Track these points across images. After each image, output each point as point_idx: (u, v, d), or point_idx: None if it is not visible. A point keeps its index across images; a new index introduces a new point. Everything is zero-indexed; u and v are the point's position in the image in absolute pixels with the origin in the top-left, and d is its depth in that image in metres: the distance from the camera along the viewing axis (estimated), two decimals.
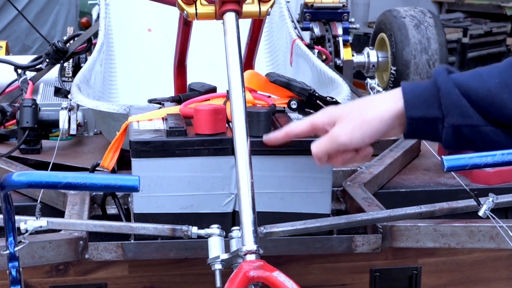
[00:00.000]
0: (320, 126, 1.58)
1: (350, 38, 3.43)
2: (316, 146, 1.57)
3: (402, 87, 1.48)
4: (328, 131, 1.58)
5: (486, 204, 1.76)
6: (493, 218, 1.75)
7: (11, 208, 1.37)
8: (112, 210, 2.21)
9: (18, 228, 1.53)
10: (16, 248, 1.42)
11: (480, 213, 1.77)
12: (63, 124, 2.54)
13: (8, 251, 1.42)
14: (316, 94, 2.10)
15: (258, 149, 1.90)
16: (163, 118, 2.07)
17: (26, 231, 1.55)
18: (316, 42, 3.37)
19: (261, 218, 1.68)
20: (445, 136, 1.44)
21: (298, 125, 1.65)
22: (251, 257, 1.55)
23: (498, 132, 1.43)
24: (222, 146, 1.93)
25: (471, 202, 1.97)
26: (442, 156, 1.38)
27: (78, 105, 2.54)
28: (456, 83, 1.43)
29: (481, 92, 1.41)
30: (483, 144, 1.44)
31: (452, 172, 2.38)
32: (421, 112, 1.44)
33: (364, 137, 1.51)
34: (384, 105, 1.48)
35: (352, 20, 3.44)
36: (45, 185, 1.27)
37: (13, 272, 1.43)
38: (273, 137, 1.71)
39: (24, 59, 3.19)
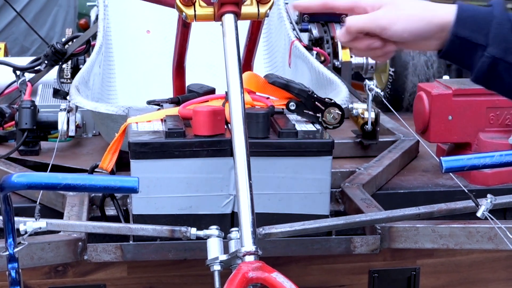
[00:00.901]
0: (363, 5, 1.46)
1: None
2: (353, 19, 1.45)
3: (458, 3, 1.43)
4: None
5: (485, 205, 1.77)
6: (492, 219, 1.75)
7: (11, 210, 1.37)
8: (111, 211, 2.21)
9: (18, 230, 1.54)
10: (16, 249, 1.42)
11: (479, 214, 1.77)
12: (62, 125, 2.54)
13: (7, 252, 1.42)
14: (315, 96, 2.10)
15: (256, 150, 1.91)
16: (162, 120, 2.07)
17: (26, 232, 1.55)
18: (314, 43, 3.37)
19: (260, 219, 1.69)
20: (480, 65, 1.40)
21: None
22: (250, 258, 1.55)
23: None
24: (221, 147, 1.94)
25: (470, 203, 1.98)
26: (441, 158, 1.38)
27: (77, 107, 2.54)
28: (511, 19, 1.42)
29: None
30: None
31: (450, 173, 2.38)
32: (468, 33, 1.40)
33: (405, 30, 1.42)
34: (437, 10, 1.42)
35: None
36: (45, 186, 1.27)
37: (13, 273, 1.43)
38: (306, 2, 1.56)
39: (23, 61, 3.19)
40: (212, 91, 2.21)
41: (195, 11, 1.88)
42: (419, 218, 2.05)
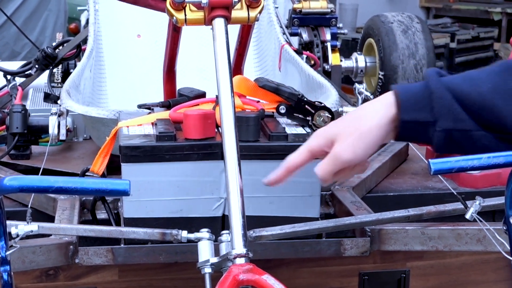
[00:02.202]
0: (318, 150, 1.56)
1: (338, 43, 3.45)
2: (321, 170, 1.54)
3: (395, 90, 1.47)
4: (328, 153, 1.54)
5: (473, 207, 1.78)
6: (480, 221, 1.77)
7: (2, 213, 1.38)
8: (102, 215, 2.21)
9: (9, 233, 1.54)
10: (8, 252, 1.43)
11: (467, 216, 1.78)
12: (52, 129, 2.54)
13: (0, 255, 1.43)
14: (305, 99, 2.11)
15: (247, 153, 1.92)
16: (152, 123, 2.08)
17: (17, 235, 1.56)
18: (304, 47, 3.39)
19: (250, 222, 1.70)
20: (436, 140, 1.44)
21: (295, 156, 1.61)
22: (240, 261, 1.56)
23: (489, 137, 1.43)
24: (211, 151, 1.95)
25: (459, 205, 1.99)
26: (429, 160, 1.39)
27: (67, 111, 2.55)
28: (448, 87, 1.42)
29: (473, 96, 1.40)
30: (474, 148, 1.44)
31: (439, 176, 2.40)
32: (413, 115, 1.44)
33: (367, 149, 1.48)
34: (378, 112, 1.47)
35: (340, 25, 3.46)
36: (37, 189, 1.28)
37: (5, 276, 1.43)
38: (274, 177, 1.64)
39: (13, 65, 3.20)
40: (202, 94, 2.22)
41: (185, 15, 1.89)
42: (408, 221, 2.06)
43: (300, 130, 2.08)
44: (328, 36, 3.39)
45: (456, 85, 1.43)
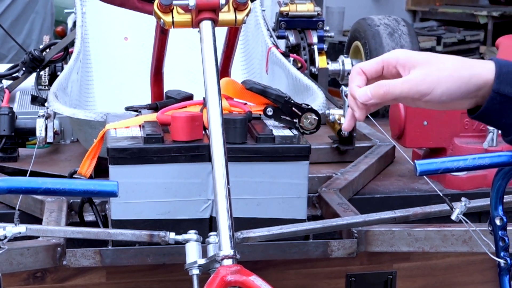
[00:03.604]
0: (393, 63, 1.34)
1: (325, 46, 3.47)
2: (390, 86, 1.32)
3: (495, 60, 1.34)
4: (399, 73, 1.35)
5: (459, 208, 1.79)
6: (466, 222, 1.78)
7: None
8: (89, 217, 2.22)
9: None
10: None
11: (453, 217, 1.79)
12: (40, 132, 2.54)
13: None
14: (292, 101, 2.12)
15: (234, 155, 1.93)
16: (140, 126, 2.09)
17: (5, 237, 1.56)
18: (291, 50, 3.40)
19: (238, 224, 1.71)
20: None
21: (368, 63, 1.37)
22: (228, 262, 1.57)
23: None
24: (199, 153, 1.95)
25: (445, 206, 2.00)
26: (415, 161, 1.40)
27: (55, 113, 2.55)
28: None
29: None
30: None
31: (426, 178, 2.41)
32: (508, 89, 1.31)
33: (444, 93, 1.31)
34: (475, 68, 1.33)
35: (327, 28, 3.48)
36: (25, 190, 1.28)
37: None
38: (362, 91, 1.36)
39: (0, 68, 3.20)
40: (190, 97, 2.23)
41: (173, 18, 1.90)
42: (395, 222, 2.08)
43: (287, 132, 2.09)
44: (315, 39, 3.40)
45: None
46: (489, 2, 9.63)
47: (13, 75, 3.04)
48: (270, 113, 2.11)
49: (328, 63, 3.43)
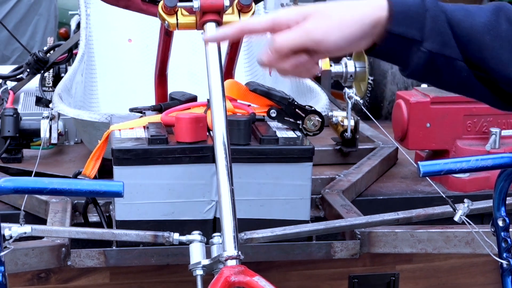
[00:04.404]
0: (284, 23, 1.32)
1: None
2: (283, 38, 1.30)
3: None
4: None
5: (462, 210, 1.80)
6: (469, 223, 1.79)
7: None
8: (93, 218, 2.22)
9: (3, 235, 1.55)
10: (2, 253, 1.44)
11: (456, 218, 1.80)
12: (44, 133, 2.55)
13: None
14: (295, 103, 2.13)
15: (238, 156, 1.93)
16: (144, 127, 2.09)
17: (11, 237, 1.57)
18: None
19: (241, 225, 1.71)
20: (416, 61, 1.31)
21: (257, 20, 1.35)
22: (232, 263, 1.57)
23: (468, 72, 1.36)
24: (203, 154, 1.96)
25: (447, 208, 2.01)
26: (418, 162, 1.41)
27: (59, 114, 2.56)
28: (444, 10, 1.32)
29: (465, 26, 1.31)
30: (451, 79, 1.33)
31: (429, 179, 2.42)
32: (402, 28, 1.30)
33: (341, 38, 1.29)
34: (366, 9, 1.30)
35: None
36: (31, 190, 1.29)
37: None
38: (222, 31, 1.40)
39: (5, 69, 3.21)
40: (194, 98, 2.24)
41: (177, 19, 1.91)
42: (398, 223, 2.08)
43: (290, 134, 2.10)
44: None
45: (452, 11, 1.27)
46: None
47: (18, 76, 3.05)
48: (273, 115, 2.12)
49: (331, 65, 3.44)
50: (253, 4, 1.94)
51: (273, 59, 1.32)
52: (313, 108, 2.14)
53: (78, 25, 3.30)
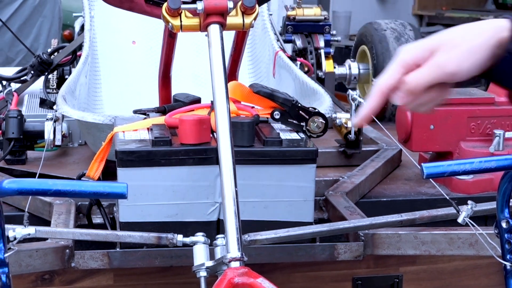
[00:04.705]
0: (413, 64, 1.30)
1: (331, 50, 3.48)
2: (415, 77, 1.28)
3: (509, 17, 1.31)
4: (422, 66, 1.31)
5: (465, 211, 1.80)
6: (472, 225, 1.79)
7: (1, 215, 1.39)
8: (97, 219, 2.23)
9: (7, 236, 1.55)
10: (6, 254, 1.44)
11: (459, 220, 1.80)
12: (48, 135, 2.56)
13: None
14: (299, 105, 2.13)
15: (242, 158, 1.94)
16: (148, 129, 2.10)
17: (15, 238, 1.57)
18: (298, 54, 3.41)
19: (245, 226, 1.72)
20: None
21: (387, 75, 1.32)
22: (235, 264, 1.58)
23: None
24: (206, 156, 1.97)
25: (451, 210, 2.01)
26: (422, 164, 1.41)
27: (63, 116, 2.56)
28: None
29: None
30: None
31: (432, 181, 2.42)
32: None
33: (473, 66, 1.28)
34: (489, 32, 1.30)
35: (334, 32, 3.49)
36: (35, 192, 1.29)
37: (3, 278, 1.45)
38: (368, 106, 1.36)
39: (9, 71, 3.21)
40: (198, 100, 2.24)
41: (181, 21, 1.91)
42: (401, 225, 2.08)
43: (294, 136, 2.10)
44: (321, 43, 3.41)
45: None
46: (495, 7, 9.63)
47: (22, 78, 3.05)
48: (277, 117, 2.12)
49: (335, 67, 3.45)
50: (257, 6, 1.94)
51: (408, 101, 1.31)
52: (316, 110, 2.14)
53: (82, 27, 3.31)
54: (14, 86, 3.04)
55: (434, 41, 1.31)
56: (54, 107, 2.56)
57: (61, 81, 3.04)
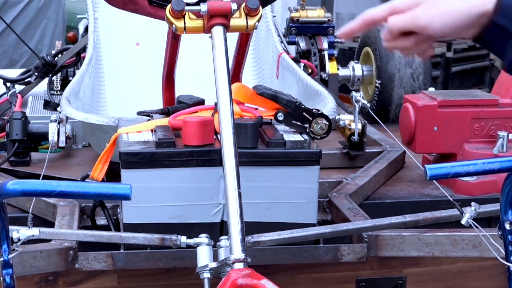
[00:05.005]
0: (399, 8, 1.47)
1: (335, 52, 3.48)
2: (394, 20, 1.46)
3: None
4: None
5: (469, 213, 1.79)
6: (476, 227, 1.78)
7: (5, 217, 1.40)
8: (101, 221, 2.23)
9: (11, 238, 1.56)
10: (10, 256, 1.45)
11: (463, 222, 1.80)
12: (52, 136, 2.56)
13: (2, 259, 1.44)
14: (302, 107, 2.13)
15: (245, 160, 1.94)
16: (152, 130, 2.10)
17: (19, 239, 1.57)
18: (302, 56, 3.41)
19: (248, 228, 1.71)
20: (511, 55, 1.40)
21: (375, 9, 1.53)
22: (239, 266, 1.58)
23: None
24: (210, 157, 1.97)
25: (455, 211, 2.01)
26: (425, 165, 1.41)
27: (67, 118, 2.57)
28: None
29: None
30: None
31: (436, 183, 2.42)
32: (506, 21, 1.39)
33: (445, 26, 1.42)
34: (473, 1, 1.41)
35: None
36: (39, 193, 1.30)
37: (7, 279, 1.45)
38: (348, 27, 1.58)
39: (13, 73, 3.22)
40: (201, 102, 2.24)
41: (185, 23, 1.91)
42: (405, 227, 2.08)
43: (298, 137, 2.10)
44: (325, 45, 3.42)
45: None
46: None
47: (26, 80, 3.06)
48: (281, 118, 2.12)
49: (338, 69, 3.45)
50: (260, 7, 1.95)
51: (387, 38, 1.51)
52: (320, 112, 2.14)
53: (86, 29, 3.31)
54: (18, 87, 3.05)
55: None
56: (58, 108, 2.57)
57: (65, 82, 3.05)
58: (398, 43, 1.51)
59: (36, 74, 3.02)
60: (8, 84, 3.06)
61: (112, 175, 2.19)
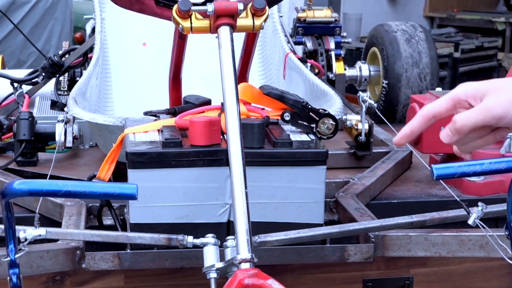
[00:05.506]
0: (463, 100, 1.37)
1: (342, 52, 3.48)
2: (464, 117, 1.34)
3: None
4: (472, 106, 1.37)
5: (476, 213, 1.79)
6: (483, 227, 1.78)
7: (12, 216, 1.40)
8: (108, 221, 2.23)
9: (18, 237, 1.56)
10: (17, 255, 1.45)
11: (470, 222, 1.80)
12: (59, 136, 2.56)
13: (9, 258, 1.45)
14: (309, 107, 2.13)
15: (252, 160, 1.94)
16: (158, 130, 2.10)
17: (26, 239, 1.58)
18: (308, 56, 3.41)
19: (255, 228, 1.72)
20: None
21: (435, 104, 1.40)
22: (245, 266, 1.58)
23: None
24: (217, 157, 1.97)
25: (462, 211, 2.01)
26: (432, 165, 1.41)
27: (74, 118, 2.57)
28: None
29: None
30: None
31: (443, 183, 2.41)
32: None
33: None
34: None
35: (344, 34, 3.49)
36: (46, 193, 1.30)
37: (14, 279, 1.45)
38: (407, 130, 1.45)
39: (20, 73, 3.23)
40: (208, 102, 2.24)
41: (191, 23, 1.92)
42: (412, 227, 2.08)
43: (304, 137, 2.10)
44: (332, 45, 3.42)
45: None
46: (507, 8, 9.61)
47: (33, 80, 3.07)
48: (287, 118, 2.12)
49: (345, 69, 3.45)
50: (267, 7, 1.95)
51: (455, 139, 1.40)
52: (327, 112, 2.14)
53: (93, 29, 3.32)
54: (26, 88, 3.06)
55: (486, 86, 1.36)
56: (65, 109, 2.57)
57: (72, 83, 3.05)
58: (466, 140, 1.41)
59: (43, 74, 3.02)
60: (16, 85, 3.07)
61: (119, 175, 2.20)
